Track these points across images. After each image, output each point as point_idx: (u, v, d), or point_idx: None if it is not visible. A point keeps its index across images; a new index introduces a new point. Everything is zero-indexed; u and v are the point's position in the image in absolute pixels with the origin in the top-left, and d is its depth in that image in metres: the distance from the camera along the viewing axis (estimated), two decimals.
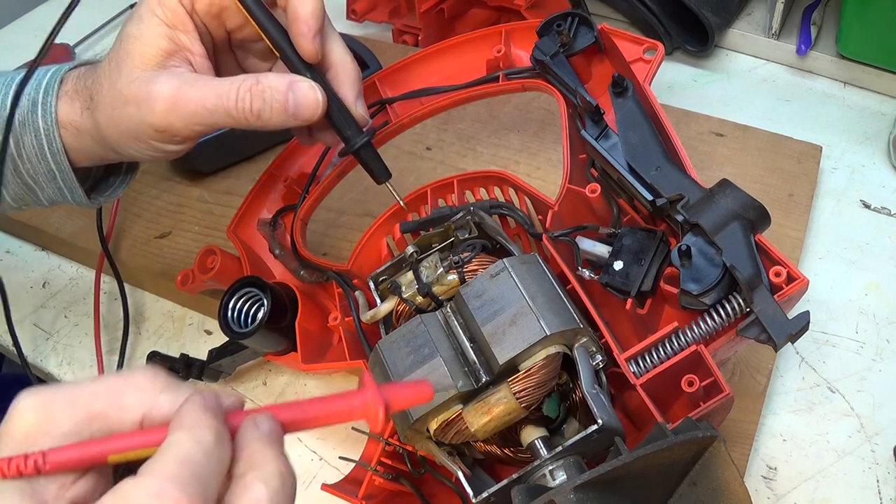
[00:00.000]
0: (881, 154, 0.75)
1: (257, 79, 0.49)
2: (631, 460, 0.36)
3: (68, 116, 0.52)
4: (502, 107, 0.80)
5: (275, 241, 0.63)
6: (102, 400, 0.29)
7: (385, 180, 0.56)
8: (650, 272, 0.50)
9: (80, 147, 0.53)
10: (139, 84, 0.48)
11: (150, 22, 0.49)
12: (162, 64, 0.49)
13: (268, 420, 0.31)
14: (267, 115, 0.49)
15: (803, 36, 0.82)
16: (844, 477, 0.55)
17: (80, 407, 0.29)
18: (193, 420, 0.28)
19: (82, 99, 0.52)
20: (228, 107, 0.48)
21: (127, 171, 0.59)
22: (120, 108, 0.49)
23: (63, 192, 0.55)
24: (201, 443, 0.28)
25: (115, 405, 0.29)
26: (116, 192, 0.58)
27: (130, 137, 0.50)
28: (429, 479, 0.52)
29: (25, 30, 1.06)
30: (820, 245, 0.68)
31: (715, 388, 0.46)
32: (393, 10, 0.92)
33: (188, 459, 0.27)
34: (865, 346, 0.62)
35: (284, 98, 0.49)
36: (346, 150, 0.54)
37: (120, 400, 0.29)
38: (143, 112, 0.48)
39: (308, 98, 0.49)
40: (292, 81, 0.49)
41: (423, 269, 0.53)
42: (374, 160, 0.55)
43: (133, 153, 0.52)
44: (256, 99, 0.49)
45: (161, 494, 0.26)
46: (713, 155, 0.73)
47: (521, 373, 0.45)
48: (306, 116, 0.50)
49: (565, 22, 0.59)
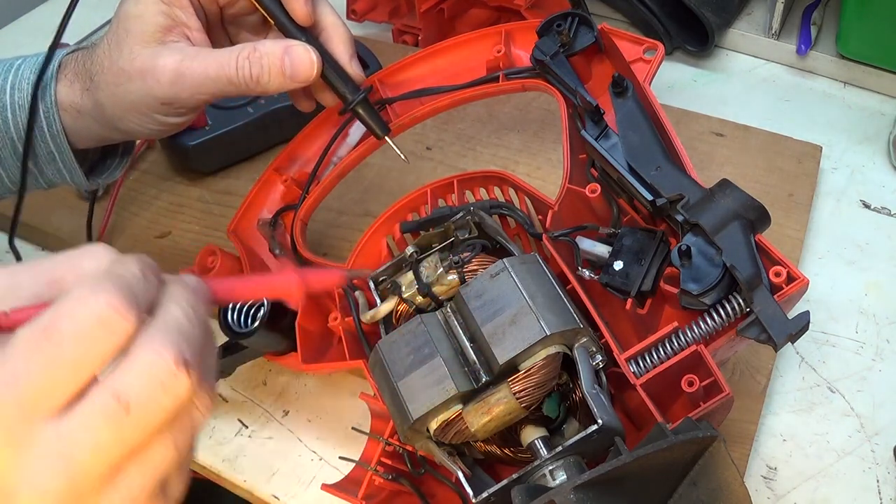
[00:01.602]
0: (881, 154, 0.75)
1: (254, 46, 0.51)
2: (631, 460, 0.36)
3: (68, 98, 0.54)
4: (502, 107, 0.80)
5: (275, 241, 0.63)
6: (62, 267, 0.32)
7: (384, 135, 0.58)
8: (650, 272, 0.50)
9: (79, 128, 0.54)
10: (142, 59, 0.50)
11: (148, 0, 0.51)
12: (161, 40, 0.51)
13: (194, 278, 0.34)
14: (266, 80, 0.51)
15: (803, 36, 0.82)
16: (844, 477, 0.55)
17: (42, 273, 0.31)
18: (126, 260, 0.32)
19: (82, 80, 0.53)
20: (230, 75, 0.51)
21: (123, 153, 0.60)
22: (123, 83, 0.51)
23: (63, 173, 0.56)
24: (130, 269, 0.31)
25: (73, 271, 0.32)
26: (114, 173, 0.60)
27: (134, 112, 0.52)
28: (429, 479, 0.52)
29: (25, 30, 1.06)
30: (820, 245, 0.68)
31: (715, 388, 0.46)
32: (393, 10, 0.92)
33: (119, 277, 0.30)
34: (865, 346, 0.62)
35: (281, 62, 0.51)
36: (345, 108, 0.56)
37: (78, 266, 0.32)
38: (149, 85, 0.50)
39: (303, 60, 0.52)
40: (287, 46, 0.52)
41: (423, 269, 0.53)
42: (372, 116, 0.57)
43: (136, 128, 0.53)
44: (255, 65, 0.51)
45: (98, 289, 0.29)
46: (713, 155, 0.73)
47: (521, 373, 0.45)
48: (303, 78, 0.52)
49: (565, 22, 0.59)
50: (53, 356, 0.28)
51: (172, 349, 0.29)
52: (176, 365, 0.29)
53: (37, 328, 0.28)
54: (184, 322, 0.31)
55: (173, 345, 0.30)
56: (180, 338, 0.30)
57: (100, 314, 0.28)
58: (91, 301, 0.29)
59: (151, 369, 0.29)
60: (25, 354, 0.28)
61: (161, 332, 0.30)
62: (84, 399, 0.29)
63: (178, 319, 0.31)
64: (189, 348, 0.30)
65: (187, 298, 0.32)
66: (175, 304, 0.31)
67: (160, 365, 0.29)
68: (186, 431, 0.31)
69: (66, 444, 0.28)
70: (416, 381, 0.46)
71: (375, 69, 0.77)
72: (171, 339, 0.30)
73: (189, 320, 0.31)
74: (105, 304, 0.29)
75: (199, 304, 0.33)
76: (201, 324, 0.32)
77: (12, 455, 0.28)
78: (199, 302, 0.33)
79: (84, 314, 0.28)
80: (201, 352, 0.31)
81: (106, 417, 0.28)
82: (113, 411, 0.28)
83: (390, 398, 0.47)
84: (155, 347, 0.29)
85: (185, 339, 0.30)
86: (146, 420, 0.29)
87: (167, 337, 0.30)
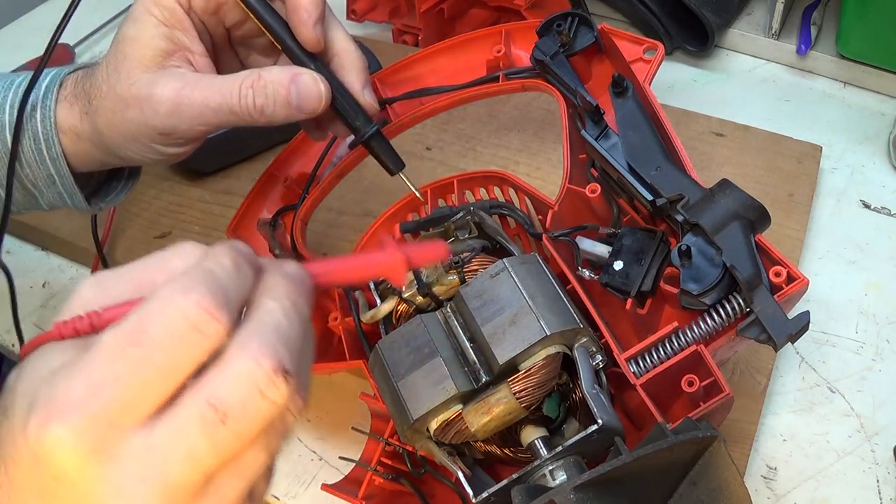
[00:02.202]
0: (881, 154, 0.75)
1: (259, 74, 0.48)
2: (631, 460, 0.36)
3: (68, 121, 0.51)
4: (502, 107, 0.80)
5: (275, 241, 0.63)
6: (150, 268, 0.31)
7: (398, 171, 0.54)
8: (650, 272, 0.50)
9: (79, 152, 0.52)
10: (139, 86, 0.48)
11: (147, 22, 0.48)
12: (161, 64, 0.48)
13: (293, 264, 0.32)
14: (271, 111, 0.48)
15: (803, 36, 0.82)
16: (844, 477, 0.55)
17: (130, 277, 0.30)
18: (218, 252, 0.30)
19: (81, 103, 0.51)
20: (232, 104, 0.47)
21: (129, 176, 0.58)
22: (120, 111, 0.48)
23: (63, 197, 0.54)
24: (222, 265, 0.29)
25: (162, 271, 0.30)
26: (118, 197, 0.57)
27: (132, 141, 0.49)
28: (429, 479, 0.52)
29: (25, 30, 1.06)
30: (820, 245, 0.68)
31: (715, 388, 0.46)
32: (393, 10, 0.92)
33: (210, 272, 0.28)
34: (865, 346, 0.62)
35: (287, 91, 0.48)
36: (356, 142, 0.53)
37: (166, 266, 0.30)
38: (146, 115, 0.47)
39: (310, 90, 0.48)
40: (294, 74, 0.48)
41: (423, 269, 0.53)
42: (385, 150, 0.53)
43: (134, 156, 0.51)
44: (259, 94, 0.47)
45: (187, 289, 0.27)
46: (713, 155, 0.73)
47: (521, 373, 0.45)
48: (310, 109, 0.49)
49: (565, 22, 0.59)
50: (140, 361, 0.27)
51: (271, 355, 0.28)
52: (275, 373, 0.28)
53: (122, 331, 0.27)
54: (282, 321, 0.29)
55: (272, 350, 0.28)
56: (278, 340, 0.28)
57: (189, 315, 0.27)
58: (179, 301, 0.27)
59: (249, 377, 0.27)
60: (110, 359, 0.27)
61: (258, 334, 0.28)
62: (176, 408, 0.27)
63: (276, 318, 0.29)
64: (288, 352, 0.28)
65: (287, 292, 0.30)
66: (273, 301, 0.29)
67: (258, 373, 0.27)
68: (279, 436, 0.30)
69: (158, 455, 0.27)
70: (416, 381, 0.46)
71: (375, 69, 0.77)
72: (268, 342, 0.28)
73: (288, 318, 0.29)
74: (194, 305, 0.27)
75: (300, 297, 0.31)
76: (301, 321, 0.30)
77: (100, 468, 0.26)
78: (300, 294, 0.31)
79: (172, 316, 0.27)
80: (300, 354, 0.29)
81: (202, 427, 0.27)
82: (209, 421, 0.27)
83: (390, 398, 0.47)
84: (252, 353, 0.28)
85: (283, 342, 0.28)
86: (243, 429, 0.28)
87: (264, 340, 0.28)
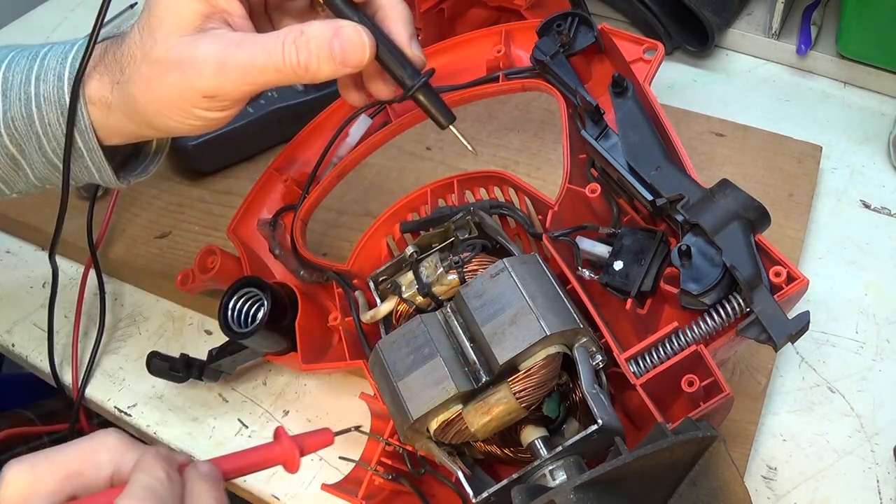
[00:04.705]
0: (881, 154, 0.75)
1: (301, 29, 0.46)
2: (631, 460, 0.36)
3: (97, 92, 0.49)
4: (502, 107, 0.80)
5: (275, 241, 0.63)
6: (79, 461, 0.36)
7: (449, 123, 0.52)
8: (650, 272, 0.50)
9: (109, 124, 0.50)
10: (180, 49, 0.46)
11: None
12: (200, 27, 0.46)
13: (206, 464, 0.39)
14: (315, 66, 0.46)
15: (803, 36, 0.82)
16: (844, 477, 0.55)
17: (61, 468, 0.35)
18: (150, 465, 0.36)
19: (111, 73, 0.49)
20: (276, 62, 0.46)
21: (157, 150, 0.56)
22: (158, 76, 0.47)
23: (91, 170, 0.52)
24: (157, 478, 0.35)
25: (90, 464, 0.36)
26: (147, 171, 0.56)
27: (172, 107, 0.48)
28: (429, 479, 0.52)
29: (26, 30, 1.06)
30: (820, 245, 0.68)
31: (715, 388, 0.46)
32: None
33: (149, 487, 0.35)
34: (865, 346, 0.62)
35: (330, 45, 0.46)
36: (405, 95, 0.50)
37: (94, 459, 0.36)
38: (189, 77, 0.46)
39: (354, 42, 0.46)
40: (338, 27, 0.46)
41: (423, 269, 0.53)
42: (435, 103, 0.51)
43: (173, 124, 0.49)
44: (302, 50, 0.46)
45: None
46: (713, 155, 0.73)
47: (521, 373, 0.45)
48: (354, 62, 0.47)
49: (565, 22, 0.59)
50: None
51: None
52: None
53: None
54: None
55: None
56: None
57: None
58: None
59: None
60: None
61: None
62: None
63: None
64: None
65: (212, 495, 0.37)
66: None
67: None
68: None
69: None
70: (416, 381, 0.46)
71: None
72: None
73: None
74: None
75: (220, 493, 0.38)
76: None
77: None
78: (220, 491, 0.38)
79: None
80: None
81: None
82: None
83: (390, 398, 0.47)
84: None
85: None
86: None
87: None
